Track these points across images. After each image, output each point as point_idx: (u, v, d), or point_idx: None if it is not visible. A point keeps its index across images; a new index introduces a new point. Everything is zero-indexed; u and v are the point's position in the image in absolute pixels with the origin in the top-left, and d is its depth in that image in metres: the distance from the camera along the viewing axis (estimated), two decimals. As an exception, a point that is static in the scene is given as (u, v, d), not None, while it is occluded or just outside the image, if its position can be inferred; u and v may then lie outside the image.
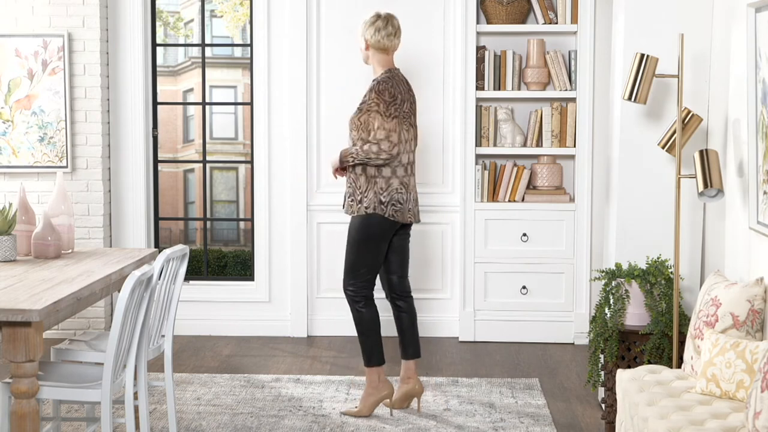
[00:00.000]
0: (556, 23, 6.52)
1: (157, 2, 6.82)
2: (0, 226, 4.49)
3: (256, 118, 6.72)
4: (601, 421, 5.01)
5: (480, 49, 6.51)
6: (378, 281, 5.23)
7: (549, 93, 6.52)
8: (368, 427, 4.90)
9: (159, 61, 6.93)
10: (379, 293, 5.34)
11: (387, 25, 5.04)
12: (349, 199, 5.05)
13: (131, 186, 6.76)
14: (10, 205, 4.60)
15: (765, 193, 4.02)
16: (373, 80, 5.05)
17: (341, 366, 6.04)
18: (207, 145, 7.22)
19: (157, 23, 6.89)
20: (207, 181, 7.84)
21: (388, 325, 5.92)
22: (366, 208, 4.99)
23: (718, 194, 4.43)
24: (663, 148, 4.76)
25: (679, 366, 4.53)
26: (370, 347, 5.10)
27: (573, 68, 6.50)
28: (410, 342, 5.19)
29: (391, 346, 6.01)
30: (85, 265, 4.45)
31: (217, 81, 7.73)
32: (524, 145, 6.57)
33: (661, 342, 4.62)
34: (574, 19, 6.47)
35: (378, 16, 5.05)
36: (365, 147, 4.93)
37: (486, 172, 6.54)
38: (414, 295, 5.55)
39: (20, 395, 3.63)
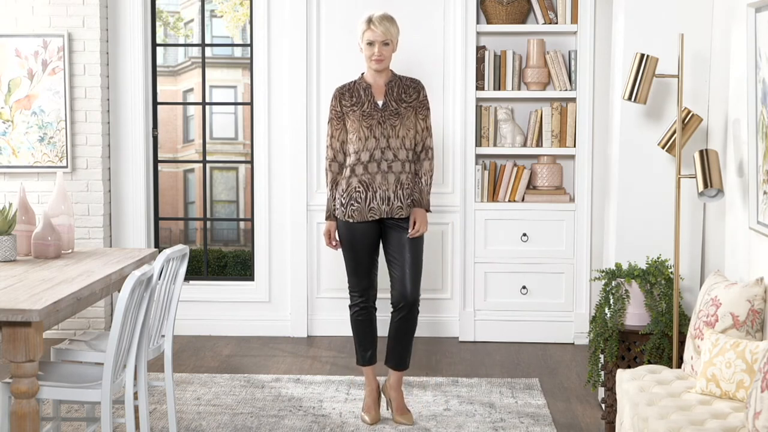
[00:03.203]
0: (556, 23, 6.52)
1: (157, 2, 6.82)
2: (0, 226, 4.49)
3: (256, 118, 6.72)
4: (601, 421, 5.01)
5: (480, 49, 6.51)
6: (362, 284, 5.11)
7: (549, 93, 6.52)
8: (369, 428, 4.90)
9: (159, 61, 6.92)
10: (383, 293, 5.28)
11: None
12: (409, 200, 4.90)
13: (131, 186, 6.76)
14: (10, 205, 4.60)
15: (765, 193, 4.02)
16: (407, 79, 4.97)
17: (341, 366, 6.04)
18: (207, 145, 7.22)
19: (157, 23, 6.89)
20: (207, 181, 7.83)
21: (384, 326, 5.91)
22: None
23: (718, 194, 4.43)
24: (663, 148, 4.76)
25: (679, 366, 4.53)
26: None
27: (573, 68, 6.50)
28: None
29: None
30: (85, 265, 4.45)
31: (217, 81, 7.72)
32: (524, 145, 6.57)
33: (661, 342, 4.62)
34: (574, 19, 6.47)
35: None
36: (431, 169, 4.93)
37: (486, 172, 6.54)
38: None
39: (20, 395, 3.64)
